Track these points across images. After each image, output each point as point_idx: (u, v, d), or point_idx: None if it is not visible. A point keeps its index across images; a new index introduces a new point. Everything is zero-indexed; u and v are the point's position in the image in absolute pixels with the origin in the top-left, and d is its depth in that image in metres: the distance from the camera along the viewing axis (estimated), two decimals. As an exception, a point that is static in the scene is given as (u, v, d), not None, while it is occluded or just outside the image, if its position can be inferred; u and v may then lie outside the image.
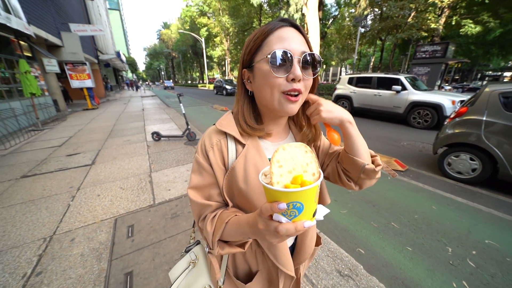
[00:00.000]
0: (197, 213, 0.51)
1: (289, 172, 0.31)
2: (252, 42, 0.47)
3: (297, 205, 0.29)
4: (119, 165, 3.30)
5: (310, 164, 0.32)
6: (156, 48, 61.79)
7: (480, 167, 2.75)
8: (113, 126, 6.24)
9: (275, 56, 0.43)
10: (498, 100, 2.56)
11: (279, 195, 0.29)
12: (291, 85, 0.44)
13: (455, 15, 13.37)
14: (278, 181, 0.29)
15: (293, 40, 0.44)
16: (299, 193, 0.28)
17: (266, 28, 0.46)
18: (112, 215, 2.08)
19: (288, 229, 0.30)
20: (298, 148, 0.33)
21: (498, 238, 1.88)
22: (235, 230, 0.44)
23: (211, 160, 0.50)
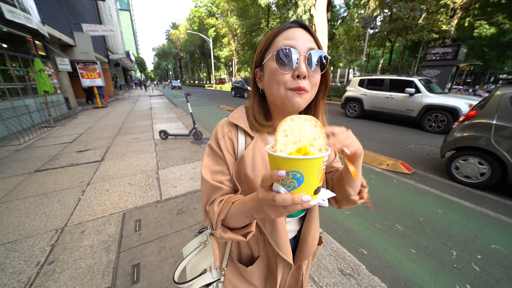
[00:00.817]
0: (207, 194, 0.53)
1: (294, 142, 0.30)
2: (263, 43, 0.50)
3: (297, 175, 0.28)
4: (128, 162, 3.40)
5: (318, 139, 0.31)
6: (164, 48, 62.83)
7: (489, 172, 2.70)
8: (122, 124, 6.40)
9: (280, 52, 0.45)
10: (509, 103, 2.50)
11: (280, 162, 0.28)
12: (297, 82, 0.46)
13: (468, 16, 13.04)
14: (281, 149, 0.29)
15: (299, 38, 0.46)
16: (299, 162, 0.27)
17: (276, 29, 0.49)
18: (121, 209, 2.15)
19: (284, 199, 0.29)
20: (308, 121, 0.32)
21: (505, 244, 1.85)
22: (239, 209, 0.45)
23: (222, 147, 0.54)
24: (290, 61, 0.45)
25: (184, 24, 52.35)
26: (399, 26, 13.76)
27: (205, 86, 39.07)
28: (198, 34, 30.91)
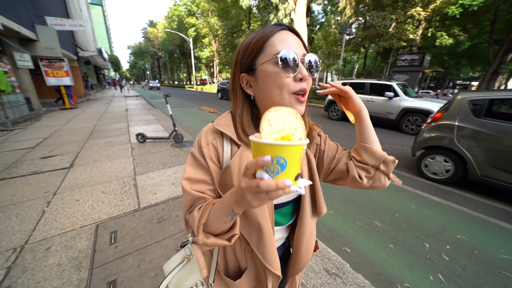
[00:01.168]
0: (187, 204, 0.51)
1: (278, 131, 0.31)
2: (252, 45, 0.47)
3: (281, 161, 0.29)
4: (101, 168, 3.14)
5: (299, 129, 0.33)
6: (141, 47, 59.81)
7: (452, 168, 2.97)
8: (94, 127, 5.93)
9: (284, 56, 0.44)
10: (468, 107, 2.79)
11: (265, 148, 0.29)
12: (299, 85, 0.46)
13: (430, 27, 14.41)
14: (266, 137, 0.30)
15: (294, 42, 0.46)
16: (284, 148, 0.29)
17: (265, 31, 0.47)
18: (93, 221, 1.97)
19: (269, 185, 0.29)
20: (289, 113, 0.33)
21: (468, 233, 2.04)
22: (219, 207, 0.43)
23: (206, 156, 0.51)
24: (292, 66, 0.45)
25: (163, 22, 50.45)
26: (372, 34, 14.73)
27: (185, 87, 37.97)
28: (178, 33, 29.98)
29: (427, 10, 12.08)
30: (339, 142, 0.53)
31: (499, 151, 2.55)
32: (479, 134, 2.68)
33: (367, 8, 15.70)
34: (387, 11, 13.30)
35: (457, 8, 11.29)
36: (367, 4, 15.68)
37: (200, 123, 7.04)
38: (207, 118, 7.95)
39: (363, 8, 16.22)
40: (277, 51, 0.44)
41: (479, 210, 2.45)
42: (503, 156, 2.53)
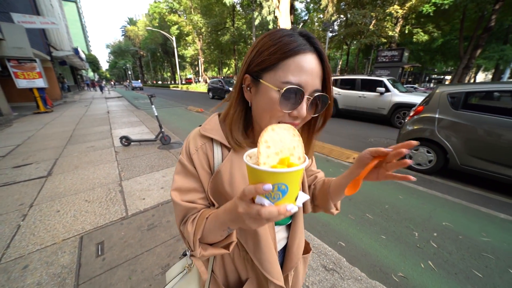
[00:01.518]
0: (181, 216, 0.49)
1: (276, 154, 0.30)
2: (266, 54, 0.41)
3: (282, 187, 0.28)
4: (83, 175, 2.95)
5: (297, 148, 0.31)
6: (121, 46, 57.12)
7: (435, 159, 3.13)
8: (73, 131, 5.57)
9: (288, 92, 0.40)
10: (447, 99, 2.94)
11: (265, 175, 0.28)
12: (291, 120, 0.43)
13: (407, 24, 15.08)
14: (264, 162, 0.28)
15: (311, 73, 0.40)
16: (286, 174, 0.27)
17: (289, 44, 0.40)
18: (77, 232, 1.84)
19: (271, 212, 0.28)
20: (287, 130, 0.32)
21: (452, 220, 2.16)
22: (214, 224, 0.42)
23: (195, 163, 0.48)
24: (293, 100, 0.41)
25: (143, 20, 48.54)
26: (354, 31, 15.15)
27: (170, 87, 36.88)
28: (160, 31, 28.96)
29: (404, 8, 12.63)
30: (329, 138, 0.51)
31: (476, 140, 2.71)
32: (457, 125, 2.84)
33: (348, 6, 16.10)
34: (367, 9, 13.72)
35: (430, 6, 11.91)
36: (348, 2, 16.07)
37: (188, 124, 6.86)
38: (194, 118, 7.77)
39: (345, 6, 16.61)
40: (286, 80, 0.39)
41: (460, 197, 2.60)
42: (479, 145, 2.69)
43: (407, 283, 1.48)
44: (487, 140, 2.63)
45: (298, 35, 0.41)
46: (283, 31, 0.42)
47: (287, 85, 0.39)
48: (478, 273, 1.56)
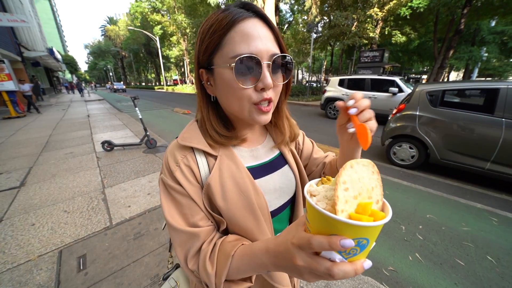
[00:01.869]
0: (182, 245, 0.41)
1: (354, 197, 0.24)
2: (208, 37, 0.38)
3: (363, 242, 0.23)
4: (61, 184, 2.75)
5: (375, 188, 0.26)
6: (101, 46, 54.55)
7: (417, 154, 3.28)
8: (49, 137, 5.20)
9: (241, 63, 0.35)
10: (426, 97, 3.09)
11: (344, 227, 0.22)
12: (261, 94, 0.38)
13: (387, 26, 15.80)
14: (342, 209, 0.23)
15: (260, 38, 0.36)
16: (372, 228, 0.22)
17: (225, 18, 0.36)
18: (55, 246, 1.70)
19: (346, 272, 0.23)
20: (366, 167, 0.27)
21: (436, 212, 2.26)
22: (247, 264, 0.36)
23: (180, 181, 0.41)
24: (252, 72, 0.37)
25: (124, 19, 46.71)
26: (337, 32, 15.58)
27: (154, 88, 35.79)
28: (142, 31, 28.03)
29: (383, 11, 13.22)
30: (316, 137, 0.49)
31: (453, 135, 2.88)
32: (436, 122, 3.00)
33: (331, 8, 16.56)
34: (349, 11, 14.19)
35: (407, 9, 12.58)
36: (331, 4, 16.53)
37: (175, 126, 6.67)
38: (181, 120, 7.57)
39: (328, 8, 17.06)
40: (235, 54, 0.35)
41: (441, 190, 2.74)
42: (456, 140, 2.86)
43: (397, 276, 1.53)
44: (462, 135, 2.81)
45: (233, 7, 0.38)
46: (218, 10, 0.39)
47: (237, 58, 0.35)
48: (461, 262, 1.64)
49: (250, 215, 0.43)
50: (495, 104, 2.57)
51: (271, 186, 0.49)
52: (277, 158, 0.53)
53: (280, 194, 0.50)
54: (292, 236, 0.29)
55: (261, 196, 0.45)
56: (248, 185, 0.44)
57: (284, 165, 0.54)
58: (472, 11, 11.42)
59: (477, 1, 10.89)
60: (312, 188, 0.29)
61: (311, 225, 0.26)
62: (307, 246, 0.25)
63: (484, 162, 2.68)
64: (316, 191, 0.28)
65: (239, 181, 0.43)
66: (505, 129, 2.49)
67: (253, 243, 0.38)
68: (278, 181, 0.51)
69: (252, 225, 0.43)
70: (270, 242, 0.33)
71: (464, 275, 1.53)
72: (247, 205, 0.43)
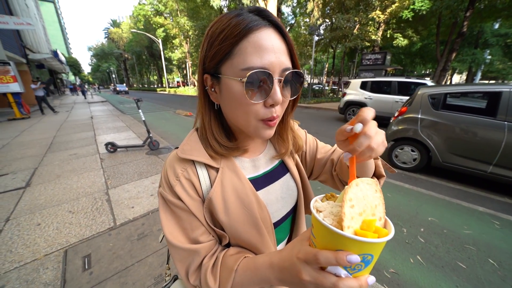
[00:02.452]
0: (182, 261, 0.40)
1: (359, 214, 0.26)
2: (217, 43, 0.35)
3: (367, 258, 0.24)
4: (66, 185, 2.79)
5: (378, 206, 0.27)
6: (104, 48, 55.15)
7: (419, 157, 3.28)
8: (54, 138, 5.27)
9: (252, 78, 0.34)
10: (428, 100, 3.10)
11: (350, 243, 0.23)
12: (270, 111, 0.37)
13: (389, 29, 15.83)
14: (348, 226, 0.24)
15: (274, 51, 0.34)
16: (376, 245, 0.23)
17: (238, 25, 0.34)
18: (60, 246, 1.73)
19: (351, 287, 0.24)
20: (370, 185, 0.28)
21: (437, 215, 2.26)
22: (250, 279, 0.35)
23: (182, 196, 0.40)
24: (263, 87, 0.35)
25: (127, 22, 47.24)
26: (339, 35, 15.66)
27: (157, 90, 36.05)
28: (145, 33, 28.33)
29: (385, 14, 13.25)
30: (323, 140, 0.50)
31: (455, 139, 2.88)
32: (438, 125, 3.00)
33: (333, 11, 16.64)
34: (350, 14, 14.26)
35: (409, 12, 12.60)
36: (332, 7, 16.62)
37: (177, 128, 6.72)
38: (183, 122, 7.63)
39: (330, 11, 17.15)
40: (247, 66, 0.34)
41: (443, 193, 2.73)
42: (458, 143, 2.86)
43: (398, 278, 1.53)
44: (464, 138, 2.80)
45: (247, 12, 0.36)
46: (230, 13, 0.36)
47: (248, 71, 0.33)
48: (462, 265, 1.64)
49: (253, 229, 0.42)
50: (498, 107, 2.57)
51: (273, 196, 0.48)
52: (278, 167, 0.52)
53: (282, 204, 0.50)
54: (298, 251, 0.29)
55: (264, 209, 0.44)
56: (251, 199, 0.43)
57: (285, 173, 0.53)
58: (475, 14, 11.42)
59: (480, 4, 10.88)
60: (318, 204, 0.30)
61: (317, 240, 0.27)
62: (314, 261, 0.25)
63: (487, 166, 2.67)
64: (322, 207, 0.29)
65: (242, 195, 0.42)
66: (508, 132, 2.48)
67: (256, 256, 0.38)
68: (279, 190, 0.50)
69: (255, 239, 0.43)
70: (274, 257, 0.33)
71: (465, 278, 1.53)
72: (250, 219, 0.42)
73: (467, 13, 10.36)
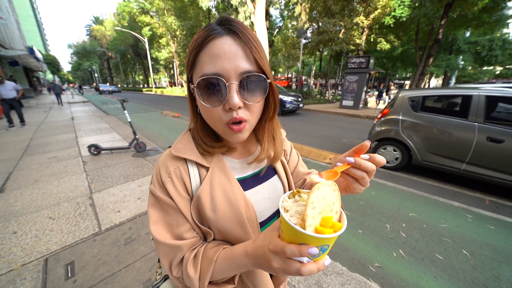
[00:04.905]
0: (167, 257, 0.42)
1: (319, 213, 0.30)
2: (188, 54, 0.40)
3: (324, 247, 0.29)
4: (45, 189, 2.64)
5: (336, 202, 0.32)
6: (86, 46, 52.62)
7: (400, 156, 3.46)
8: (30, 141, 4.95)
9: (204, 83, 0.37)
10: (408, 103, 3.29)
11: (311, 239, 0.28)
12: (231, 114, 0.38)
13: (372, 34, 16.53)
14: (310, 224, 0.28)
15: (227, 57, 0.36)
16: (332, 238, 0.28)
17: (199, 37, 0.37)
18: (40, 254, 1.64)
19: (311, 270, 0.28)
20: (329, 186, 0.32)
21: (418, 211, 2.40)
22: (229, 266, 0.39)
23: (171, 193, 0.42)
24: (219, 92, 0.37)
25: (111, 19, 45.47)
26: (325, 38, 16.10)
27: (143, 90, 34.94)
28: (130, 32, 27.40)
29: (369, 19, 13.85)
30: (306, 140, 0.50)
31: (432, 138, 3.08)
32: (417, 126, 3.19)
33: (320, 15, 17.10)
34: (336, 18, 14.73)
35: (390, 18, 13.25)
36: (319, 11, 17.07)
37: (165, 129, 6.57)
38: (171, 124, 7.47)
39: (316, 15, 17.60)
40: (201, 74, 0.37)
41: (422, 189, 2.91)
42: (435, 143, 3.06)
43: (382, 272, 1.61)
44: (441, 138, 3.00)
45: (215, 24, 0.38)
46: (203, 27, 0.39)
47: (200, 79, 0.37)
48: (440, 256, 1.76)
49: (238, 227, 0.44)
50: (469, 109, 2.79)
51: (260, 197, 0.50)
52: (267, 169, 0.54)
53: (269, 204, 0.52)
54: (269, 242, 0.32)
55: (251, 209, 0.46)
56: (238, 198, 0.45)
57: (273, 175, 0.55)
58: (449, 22, 12.24)
59: (453, 13, 11.69)
60: (286, 204, 0.33)
61: (285, 235, 0.31)
62: (282, 253, 0.30)
63: (460, 163, 2.88)
64: (289, 206, 0.33)
65: (230, 195, 0.44)
66: (478, 132, 2.70)
67: (233, 246, 0.41)
68: (267, 191, 0.52)
69: (240, 236, 0.45)
70: (249, 246, 0.37)
71: (442, 268, 1.65)
72: (236, 218, 0.44)
73: (442, 21, 11.09)
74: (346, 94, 11.37)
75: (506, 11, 12.82)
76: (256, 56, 0.38)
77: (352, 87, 11.12)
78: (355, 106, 11.07)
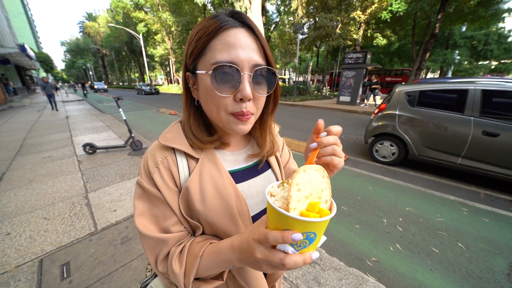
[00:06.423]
0: (152, 250, 0.41)
1: (306, 197, 0.28)
2: (193, 42, 0.38)
3: (311, 236, 0.26)
4: (39, 189, 2.60)
5: (325, 190, 0.30)
6: (79, 44, 51.55)
7: (397, 151, 3.47)
8: (24, 140, 4.87)
9: (219, 71, 0.36)
10: (404, 98, 3.29)
11: (295, 223, 0.26)
12: (240, 105, 0.38)
13: (369, 29, 16.45)
14: (295, 207, 0.26)
15: (242, 47, 0.36)
16: (318, 224, 0.26)
17: (210, 26, 0.37)
18: (35, 255, 1.62)
19: (296, 262, 0.26)
20: (317, 171, 0.30)
21: (414, 205, 2.42)
22: (214, 261, 0.37)
23: (158, 184, 0.40)
24: (231, 82, 0.37)
25: (104, 16, 44.53)
26: (322, 34, 15.99)
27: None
28: (124, 28, 26.93)
29: (366, 14, 13.76)
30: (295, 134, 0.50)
31: (428, 133, 3.09)
32: (414, 121, 3.19)
33: (316, 10, 16.95)
34: (333, 13, 14.62)
35: (387, 13, 13.19)
36: (316, 6, 16.91)
37: (161, 127, 6.51)
38: (167, 121, 7.40)
39: (313, 10, 17.44)
40: (215, 61, 0.36)
41: (419, 184, 2.93)
42: (431, 137, 3.07)
43: (380, 266, 1.62)
44: (437, 133, 3.02)
45: (224, 15, 0.38)
46: (209, 17, 0.39)
47: (216, 65, 0.36)
48: (436, 249, 1.78)
49: (229, 220, 0.43)
50: (465, 103, 2.80)
51: (253, 190, 0.49)
52: (261, 163, 0.53)
53: (262, 198, 0.50)
54: (254, 232, 0.31)
55: (242, 202, 0.45)
56: (229, 190, 0.44)
57: (267, 169, 0.54)
58: (446, 17, 12.24)
59: (450, 8, 11.67)
60: (272, 189, 0.32)
61: (270, 222, 0.29)
62: (265, 240, 0.28)
63: (456, 158, 2.90)
64: (275, 192, 0.31)
65: (220, 186, 0.43)
66: (473, 127, 2.71)
67: (220, 241, 0.40)
68: (261, 185, 0.51)
69: (230, 230, 0.43)
70: (236, 239, 0.36)
71: (438, 261, 1.66)
72: (227, 210, 0.43)
73: (438, 16, 11.06)
74: (343, 90, 11.38)
75: (501, 5, 12.83)
76: (267, 51, 0.39)
77: (349, 83, 11.12)
78: (352, 102, 11.09)
